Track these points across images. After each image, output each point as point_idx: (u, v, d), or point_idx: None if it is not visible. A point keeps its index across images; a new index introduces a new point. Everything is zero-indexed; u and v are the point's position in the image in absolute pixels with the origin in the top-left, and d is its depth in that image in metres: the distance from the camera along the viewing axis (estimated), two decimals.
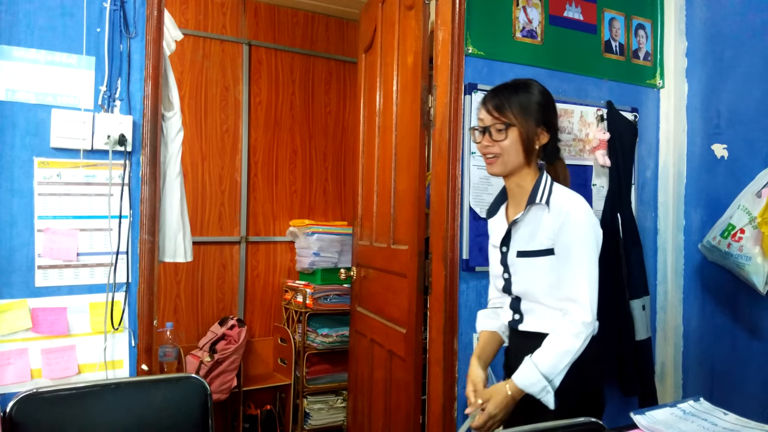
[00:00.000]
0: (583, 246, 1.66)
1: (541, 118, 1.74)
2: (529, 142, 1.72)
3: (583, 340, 1.65)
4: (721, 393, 2.56)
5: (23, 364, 1.70)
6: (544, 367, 1.64)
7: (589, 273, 1.66)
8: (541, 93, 1.77)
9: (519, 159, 1.74)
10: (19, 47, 1.72)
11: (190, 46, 3.85)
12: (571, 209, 1.68)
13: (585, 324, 1.65)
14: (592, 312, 1.66)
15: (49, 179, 1.75)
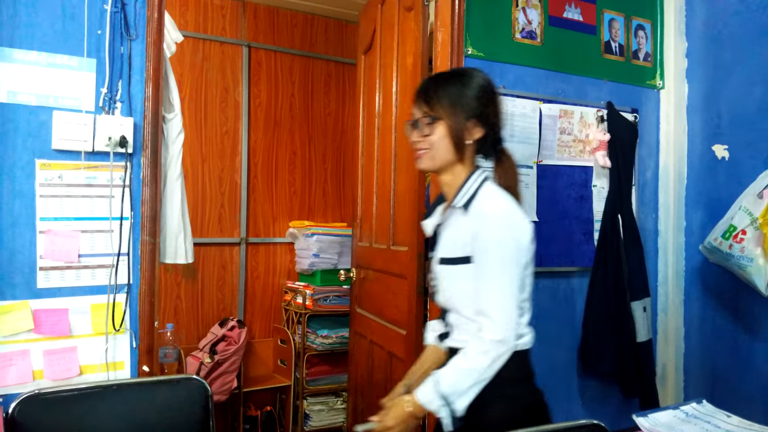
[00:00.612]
0: (497, 255, 1.50)
1: (475, 112, 1.59)
2: (459, 137, 1.59)
3: (492, 359, 1.48)
4: (722, 395, 2.56)
5: (25, 365, 1.70)
6: (445, 385, 1.49)
7: (503, 285, 1.50)
8: (478, 84, 1.62)
9: (448, 155, 1.60)
10: (21, 49, 1.72)
11: (190, 48, 3.85)
12: (490, 212, 1.54)
13: (493, 342, 1.48)
14: (503, 328, 1.48)
15: (50, 181, 1.75)
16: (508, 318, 1.49)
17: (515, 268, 1.51)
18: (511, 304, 1.49)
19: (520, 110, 2.47)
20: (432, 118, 1.59)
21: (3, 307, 1.68)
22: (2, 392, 1.68)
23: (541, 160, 2.53)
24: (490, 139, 1.64)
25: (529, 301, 1.60)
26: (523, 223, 1.55)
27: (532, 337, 1.60)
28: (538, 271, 2.47)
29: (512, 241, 1.51)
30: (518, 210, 1.56)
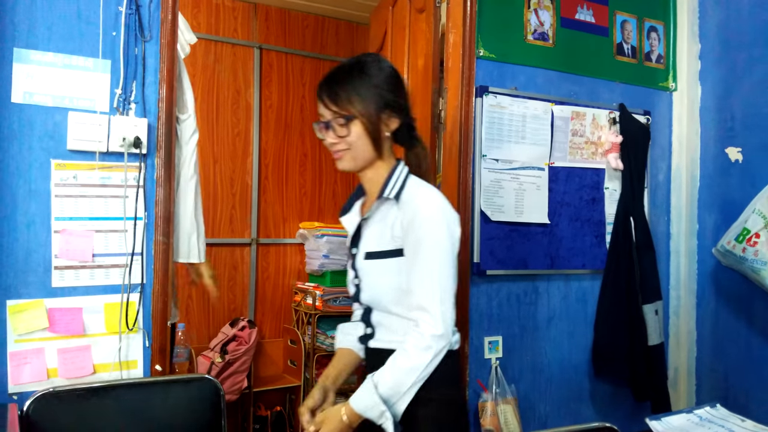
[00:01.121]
0: (433, 245, 1.43)
1: (385, 101, 1.50)
2: (376, 132, 1.51)
3: (433, 355, 1.40)
4: (735, 399, 2.54)
5: (40, 363, 1.71)
6: (384, 388, 1.40)
7: (440, 277, 1.43)
8: (380, 71, 1.52)
9: (369, 152, 1.52)
10: (37, 51, 1.74)
11: (201, 50, 3.87)
12: (422, 203, 1.46)
13: (434, 337, 1.40)
14: (443, 322, 1.41)
15: (65, 181, 1.76)
16: (447, 311, 1.42)
17: (451, 260, 1.45)
18: (449, 298, 1.43)
19: (532, 112, 2.47)
20: (345, 117, 1.49)
21: (18, 305, 1.70)
22: (17, 390, 1.69)
23: (553, 162, 2.52)
24: (404, 127, 1.56)
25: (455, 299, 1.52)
26: (452, 214, 1.49)
27: (459, 336, 1.56)
28: (550, 273, 2.50)
29: (447, 233, 1.45)
30: (446, 201, 1.50)
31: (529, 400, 2.48)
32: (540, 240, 2.49)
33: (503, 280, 2.43)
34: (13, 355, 1.69)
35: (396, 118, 1.54)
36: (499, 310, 2.42)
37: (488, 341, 2.39)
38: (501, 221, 2.40)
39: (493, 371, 2.38)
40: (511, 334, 2.45)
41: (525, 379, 2.48)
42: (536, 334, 2.50)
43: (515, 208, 2.43)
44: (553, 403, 2.54)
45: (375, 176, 1.56)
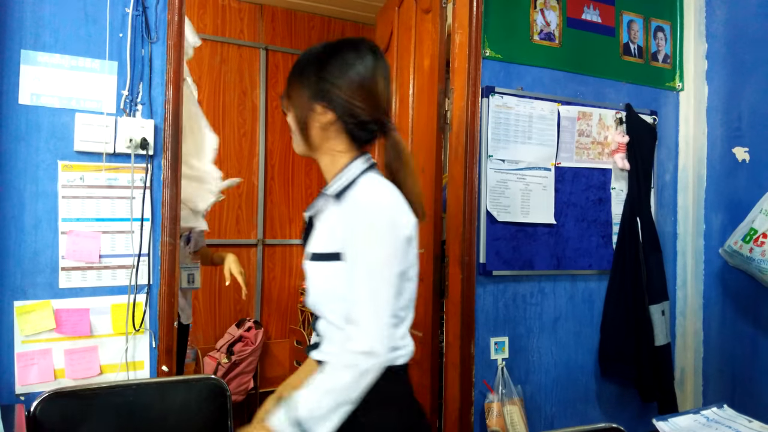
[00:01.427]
0: (368, 253, 1.27)
1: (319, 93, 1.36)
2: (303, 123, 1.40)
3: (358, 375, 1.22)
4: (742, 400, 2.53)
5: (47, 364, 1.72)
6: (302, 409, 1.23)
7: (373, 288, 1.26)
8: (319, 60, 1.39)
9: (302, 144, 1.44)
10: (44, 52, 1.75)
11: (208, 51, 3.89)
12: (361, 204, 1.31)
13: (360, 354, 1.23)
14: (373, 337, 1.24)
15: (72, 182, 1.77)
16: (378, 326, 1.25)
17: (389, 268, 1.28)
18: (382, 311, 1.26)
19: (538, 112, 2.46)
20: (284, 102, 1.45)
21: (25, 306, 1.71)
22: (24, 391, 1.70)
23: (559, 162, 2.52)
24: (349, 121, 1.37)
25: (408, 309, 1.39)
26: (402, 217, 1.32)
27: (410, 350, 1.39)
28: (557, 273, 2.49)
29: (387, 238, 1.28)
30: (398, 203, 1.33)
31: (535, 401, 2.48)
32: (546, 240, 2.48)
33: (509, 280, 2.42)
34: (21, 356, 1.70)
35: (330, 112, 1.37)
36: (506, 310, 2.42)
37: (494, 342, 2.39)
38: (507, 222, 2.40)
39: (499, 372, 2.38)
40: (517, 334, 2.44)
41: (531, 380, 2.47)
42: (542, 334, 2.50)
43: (521, 208, 2.42)
44: (560, 403, 2.54)
45: (330, 168, 1.43)
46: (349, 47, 1.39)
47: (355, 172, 1.38)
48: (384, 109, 1.39)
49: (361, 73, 1.36)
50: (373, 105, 1.37)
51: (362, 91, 1.36)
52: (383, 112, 1.39)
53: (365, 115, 1.37)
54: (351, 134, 1.40)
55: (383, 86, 1.39)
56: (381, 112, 1.38)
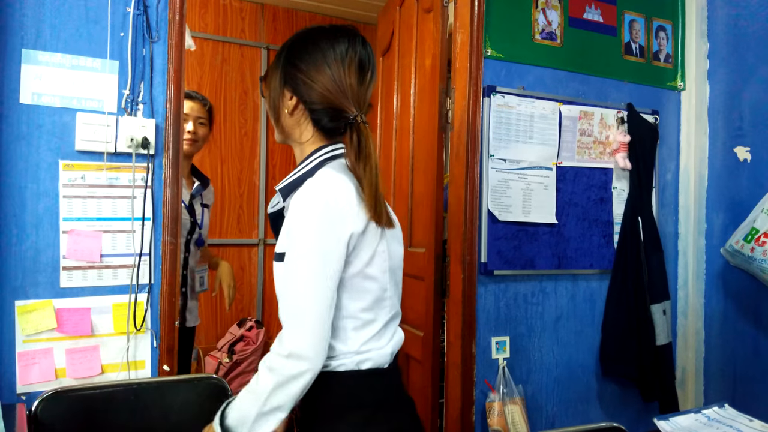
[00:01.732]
0: (301, 250, 1.20)
1: (287, 77, 1.34)
2: (274, 110, 1.38)
3: (280, 379, 1.17)
4: (743, 399, 2.53)
5: (48, 363, 1.72)
6: (232, 415, 1.22)
7: (302, 288, 1.19)
8: (292, 44, 1.36)
9: (276, 130, 1.42)
10: (45, 51, 1.75)
11: (209, 51, 3.89)
12: (302, 199, 1.22)
13: (284, 357, 1.17)
14: (299, 341, 1.17)
15: (73, 181, 1.77)
16: (304, 329, 1.17)
17: (323, 267, 1.19)
18: (313, 312, 1.18)
19: (540, 111, 2.46)
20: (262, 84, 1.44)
21: (27, 306, 1.71)
22: (25, 390, 1.70)
23: (561, 162, 2.52)
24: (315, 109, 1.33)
25: (374, 311, 1.30)
26: (344, 214, 1.21)
27: (381, 354, 1.30)
28: (558, 273, 2.49)
29: (320, 236, 1.19)
30: (342, 199, 1.22)
31: (536, 401, 2.48)
32: (547, 240, 2.48)
33: (510, 280, 2.42)
34: (22, 356, 1.70)
35: (293, 97, 1.34)
36: (507, 310, 2.42)
37: (495, 341, 2.39)
38: (508, 221, 2.40)
39: (500, 371, 2.38)
40: (518, 334, 2.44)
41: (532, 380, 2.47)
42: (544, 334, 2.50)
43: (523, 208, 2.42)
44: (561, 403, 2.53)
45: (299, 157, 1.39)
46: (325, 33, 1.34)
47: (311, 164, 1.32)
48: (353, 99, 1.31)
49: (329, 60, 1.31)
50: (339, 94, 1.30)
51: (327, 78, 1.30)
52: (351, 102, 1.31)
53: (329, 103, 1.31)
54: (316, 123, 1.34)
55: (354, 76, 1.32)
56: (347, 102, 1.30)
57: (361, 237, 1.24)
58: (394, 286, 1.35)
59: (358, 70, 1.33)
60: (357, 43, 1.34)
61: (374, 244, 1.26)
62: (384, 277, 1.30)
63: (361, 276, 1.26)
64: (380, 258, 1.28)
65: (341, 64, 1.31)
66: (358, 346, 1.27)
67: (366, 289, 1.27)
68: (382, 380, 1.30)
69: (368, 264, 1.26)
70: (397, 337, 1.37)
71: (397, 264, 1.36)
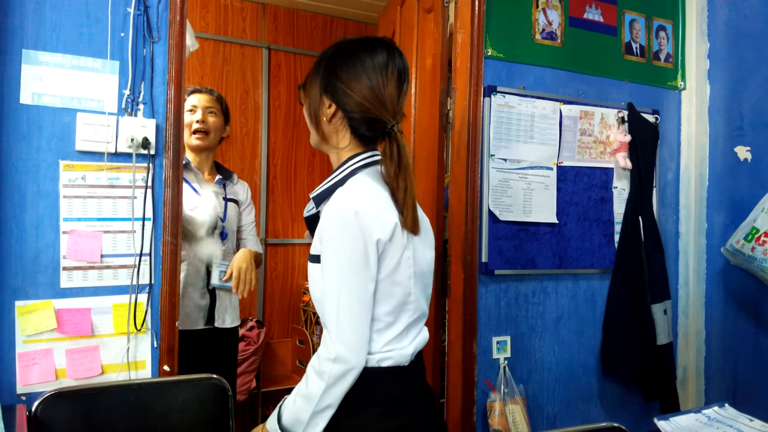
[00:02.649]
0: (333, 257, 1.28)
1: (327, 86, 1.40)
2: (314, 117, 1.44)
3: (329, 381, 1.25)
4: (744, 399, 2.53)
5: (48, 364, 1.72)
6: (287, 415, 1.31)
7: (340, 293, 1.27)
8: (333, 54, 1.42)
9: (314, 135, 1.48)
10: (45, 52, 1.75)
11: (210, 50, 3.89)
12: (335, 205, 1.30)
13: (329, 361, 1.25)
14: (339, 344, 1.25)
15: (74, 182, 1.77)
16: (346, 332, 1.26)
17: (355, 273, 1.27)
18: (351, 316, 1.26)
19: (540, 111, 2.46)
20: (302, 92, 1.49)
21: (27, 306, 1.71)
22: (26, 391, 1.70)
23: (561, 162, 2.51)
24: (354, 118, 1.39)
25: (396, 314, 1.35)
26: (373, 221, 1.28)
27: (402, 354, 1.35)
28: (559, 272, 2.49)
29: (351, 243, 1.27)
30: (372, 206, 1.29)
31: (537, 400, 2.48)
32: (548, 240, 2.48)
33: (511, 279, 2.42)
34: (22, 356, 1.70)
35: (332, 104, 1.40)
36: (508, 309, 2.42)
37: (496, 341, 2.39)
38: (509, 221, 2.39)
39: (501, 371, 2.38)
40: (519, 333, 2.44)
41: (533, 379, 2.47)
42: (544, 333, 2.50)
43: (523, 207, 2.42)
44: (562, 403, 2.53)
45: (335, 162, 1.47)
46: (364, 44, 1.40)
47: (344, 173, 1.39)
48: (391, 109, 1.37)
49: (369, 70, 1.36)
50: (377, 103, 1.36)
51: (366, 88, 1.36)
52: (389, 112, 1.37)
53: (367, 112, 1.37)
54: (354, 131, 1.41)
55: (393, 86, 1.38)
56: (386, 111, 1.37)
57: (388, 244, 1.30)
58: (421, 289, 1.41)
59: (397, 80, 1.39)
60: (395, 54, 1.40)
61: (400, 251, 1.32)
62: (409, 282, 1.35)
63: (387, 282, 1.32)
64: (406, 264, 1.34)
65: (380, 75, 1.37)
66: (380, 347, 1.33)
67: (391, 294, 1.33)
68: (401, 378, 1.35)
69: (395, 270, 1.32)
70: (421, 336, 1.43)
71: (424, 269, 1.42)
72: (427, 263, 1.43)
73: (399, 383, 1.36)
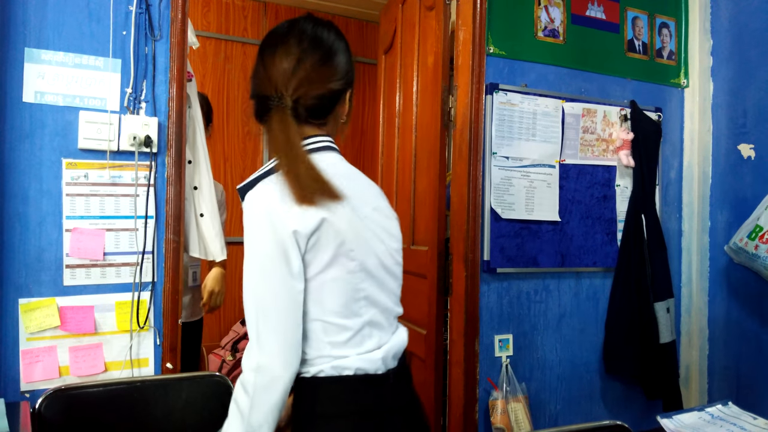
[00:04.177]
0: (247, 255, 1.18)
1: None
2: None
3: (253, 393, 1.11)
4: (747, 397, 2.52)
5: (52, 361, 1.73)
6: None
7: (255, 293, 1.16)
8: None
9: None
10: (48, 50, 1.75)
11: (212, 49, 3.89)
12: (246, 202, 1.20)
13: (251, 371, 1.12)
14: (261, 352, 1.13)
15: (76, 180, 1.77)
16: (265, 337, 1.13)
17: (273, 270, 1.14)
18: (271, 319, 1.13)
19: (543, 109, 2.46)
20: None
21: (30, 304, 1.71)
22: (29, 388, 1.71)
23: (564, 160, 2.51)
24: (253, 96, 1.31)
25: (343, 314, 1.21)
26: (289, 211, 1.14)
27: (366, 359, 1.22)
28: (561, 271, 2.49)
29: (263, 236, 1.15)
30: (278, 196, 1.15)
31: (539, 399, 2.48)
32: (550, 238, 2.47)
33: (513, 278, 2.42)
34: (26, 354, 1.70)
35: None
36: (510, 308, 2.42)
37: (498, 339, 2.38)
38: (511, 219, 2.39)
39: (503, 369, 2.38)
40: (521, 332, 2.44)
41: (535, 378, 2.47)
42: (547, 332, 2.49)
43: (526, 205, 2.42)
44: (564, 401, 2.53)
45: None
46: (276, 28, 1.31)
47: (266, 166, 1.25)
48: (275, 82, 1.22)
49: (265, 46, 1.26)
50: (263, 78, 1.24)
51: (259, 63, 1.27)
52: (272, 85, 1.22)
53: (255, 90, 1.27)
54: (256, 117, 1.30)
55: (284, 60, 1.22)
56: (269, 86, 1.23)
57: (315, 236, 1.16)
58: (378, 285, 1.26)
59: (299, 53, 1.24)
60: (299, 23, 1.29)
61: (334, 243, 1.18)
62: (353, 277, 1.21)
63: (322, 277, 1.18)
64: (346, 258, 1.19)
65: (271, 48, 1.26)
66: (331, 350, 1.20)
67: (331, 291, 1.19)
68: (371, 387, 1.22)
69: (329, 265, 1.18)
70: (395, 340, 1.29)
71: (378, 262, 1.26)
72: (381, 257, 1.27)
73: (367, 394, 1.22)
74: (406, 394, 1.31)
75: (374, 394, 1.22)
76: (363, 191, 1.28)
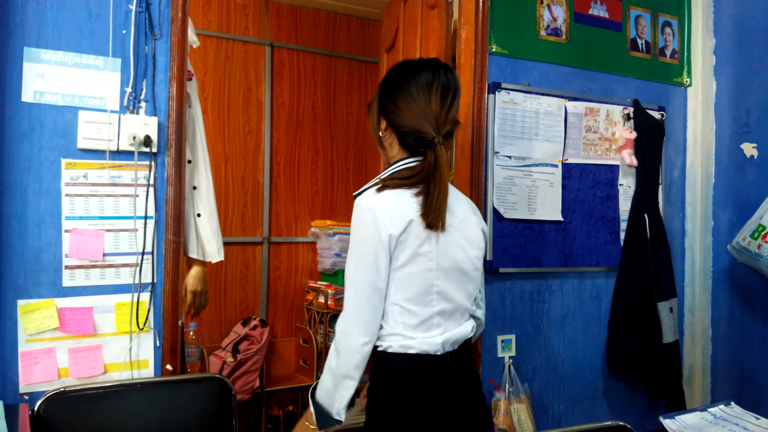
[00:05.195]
0: (351, 247, 1.53)
1: (381, 107, 1.63)
2: (374, 130, 1.69)
3: (337, 351, 1.49)
4: (750, 397, 2.51)
5: (51, 363, 1.72)
6: (319, 388, 1.54)
7: (353, 276, 1.51)
8: (386, 78, 1.65)
9: (377, 144, 1.71)
10: (47, 50, 1.74)
11: (213, 48, 3.88)
12: (356, 203, 1.54)
13: (339, 333, 1.50)
14: (347, 319, 1.49)
15: (75, 180, 1.76)
16: (351, 311, 1.49)
17: (364, 263, 1.48)
18: (356, 298, 1.49)
19: (545, 108, 2.44)
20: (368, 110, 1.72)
21: (29, 305, 1.70)
22: (28, 390, 1.70)
23: (567, 159, 2.50)
24: (400, 131, 1.58)
25: (416, 302, 1.51)
26: (386, 218, 1.47)
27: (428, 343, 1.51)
28: (564, 270, 2.48)
29: (364, 234, 1.48)
30: (387, 204, 1.48)
31: (542, 399, 2.46)
32: (553, 237, 2.46)
33: (516, 278, 2.41)
34: (24, 355, 1.69)
35: (385, 122, 1.62)
36: (512, 308, 2.41)
37: (501, 340, 2.37)
38: (514, 219, 2.38)
39: (506, 370, 2.36)
40: (524, 332, 2.43)
41: (538, 378, 2.46)
42: (550, 332, 2.48)
43: (528, 205, 2.40)
44: (567, 401, 2.52)
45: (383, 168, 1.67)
46: (410, 67, 1.60)
47: (384, 174, 1.58)
48: (432, 122, 1.53)
49: (412, 89, 1.55)
50: (419, 119, 1.53)
51: (409, 105, 1.54)
52: (431, 125, 1.53)
53: (411, 127, 1.54)
54: (401, 141, 1.59)
55: (436, 102, 1.54)
56: (427, 125, 1.53)
57: (402, 237, 1.47)
58: (451, 283, 1.54)
59: (441, 96, 1.55)
60: (440, 72, 1.57)
61: (415, 245, 1.48)
62: (428, 274, 1.50)
63: (402, 271, 1.48)
64: (424, 258, 1.49)
65: (423, 93, 1.54)
66: (402, 330, 1.50)
67: (408, 283, 1.49)
68: (429, 364, 1.51)
69: (409, 262, 1.48)
70: (458, 330, 1.57)
71: (452, 265, 1.54)
72: (458, 260, 1.54)
73: (425, 370, 1.50)
74: (462, 373, 1.59)
75: (430, 370, 1.51)
76: (452, 205, 1.56)
